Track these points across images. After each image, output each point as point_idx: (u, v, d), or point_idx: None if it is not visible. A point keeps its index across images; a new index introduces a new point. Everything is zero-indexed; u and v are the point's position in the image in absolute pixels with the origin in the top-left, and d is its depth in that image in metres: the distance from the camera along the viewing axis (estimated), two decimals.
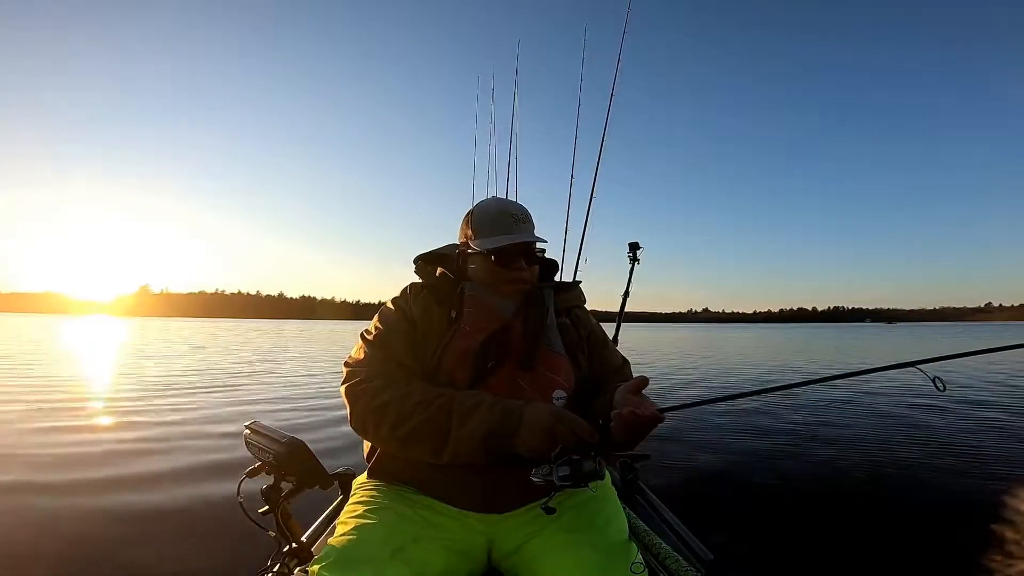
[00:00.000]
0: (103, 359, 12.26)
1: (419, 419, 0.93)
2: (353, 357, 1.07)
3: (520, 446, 0.90)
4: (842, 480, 3.33)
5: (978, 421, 5.24)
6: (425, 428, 0.93)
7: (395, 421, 0.94)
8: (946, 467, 3.55)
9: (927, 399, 6.94)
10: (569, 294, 1.26)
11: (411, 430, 0.93)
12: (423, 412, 0.94)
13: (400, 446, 0.97)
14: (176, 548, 2.13)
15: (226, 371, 9.54)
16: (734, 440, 4.35)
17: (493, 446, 0.91)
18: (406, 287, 1.19)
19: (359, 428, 1.00)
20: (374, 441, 1.02)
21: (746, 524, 2.53)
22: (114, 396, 6.36)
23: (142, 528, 2.32)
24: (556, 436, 0.87)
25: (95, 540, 2.19)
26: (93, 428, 4.53)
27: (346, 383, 1.02)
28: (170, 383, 7.61)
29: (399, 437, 0.95)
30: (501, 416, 0.92)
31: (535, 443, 0.88)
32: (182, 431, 4.34)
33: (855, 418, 5.42)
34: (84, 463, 3.28)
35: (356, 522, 0.92)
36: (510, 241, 1.11)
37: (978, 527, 2.17)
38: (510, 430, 0.91)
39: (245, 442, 1.21)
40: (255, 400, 6.30)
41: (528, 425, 0.90)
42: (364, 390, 0.99)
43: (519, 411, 0.92)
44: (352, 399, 1.00)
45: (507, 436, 0.91)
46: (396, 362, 1.03)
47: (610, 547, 0.91)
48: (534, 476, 0.85)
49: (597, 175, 2.76)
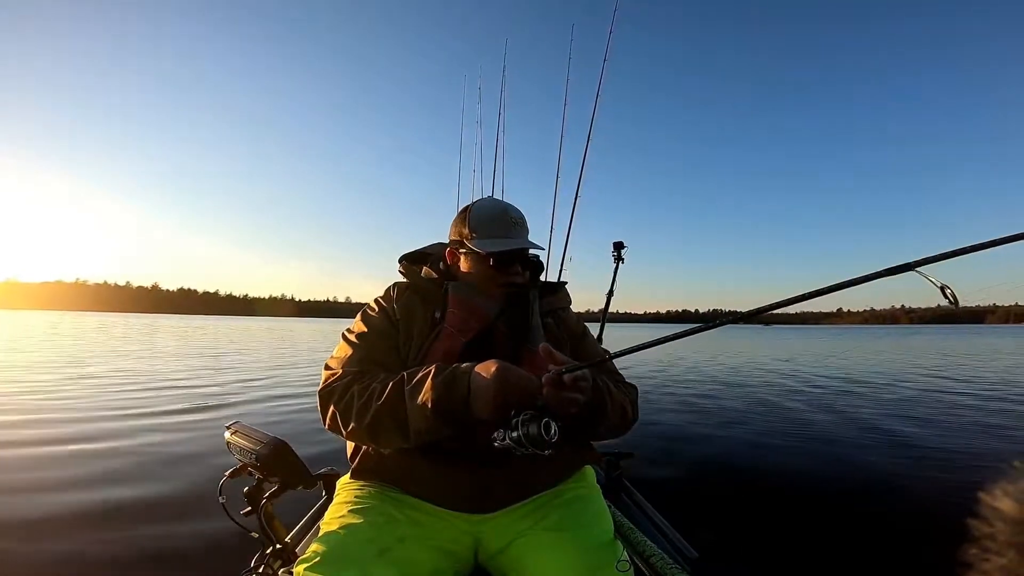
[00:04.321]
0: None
1: (377, 405, 0.92)
2: (333, 357, 1.07)
3: (478, 413, 0.88)
4: (828, 477, 3.37)
5: (961, 416, 5.39)
6: (385, 412, 0.91)
7: (359, 412, 0.93)
8: (932, 461, 3.62)
9: (912, 391, 7.14)
10: (555, 296, 1.26)
11: (374, 418, 0.92)
12: (380, 397, 0.92)
13: (371, 437, 0.95)
14: (156, 549, 2.09)
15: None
16: (718, 438, 4.39)
17: (448, 415, 0.88)
18: (390, 286, 1.18)
19: (332, 427, 0.98)
20: (349, 438, 1.00)
21: (731, 521, 2.55)
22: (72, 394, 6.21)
23: (120, 530, 2.26)
24: (506, 402, 0.86)
25: (73, 540, 2.14)
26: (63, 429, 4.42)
27: (321, 384, 1.01)
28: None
29: (367, 427, 0.93)
30: (448, 384, 0.89)
31: (488, 412, 0.87)
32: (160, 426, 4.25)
33: (842, 415, 5.51)
34: (56, 463, 3.19)
35: (341, 522, 0.91)
36: (510, 247, 1.11)
37: (961, 523, 2.23)
38: (460, 397, 0.88)
39: (227, 443, 1.19)
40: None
41: (476, 395, 0.88)
42: (334, 389, 0.98)
43: (466, 377, 0.90)
44: (324, 400, 0.99)
45: (459, 403, 0.88)
46: (373, 361, 1.03)
47: (596, 546, 0.91)
48: (494, 442, 0.85)
49: (582, 176, 2.78)
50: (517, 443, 0.82)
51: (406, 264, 1.22)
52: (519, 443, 0.82)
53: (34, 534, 2.20)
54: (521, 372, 0.88)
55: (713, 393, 7.06)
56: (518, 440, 0.82)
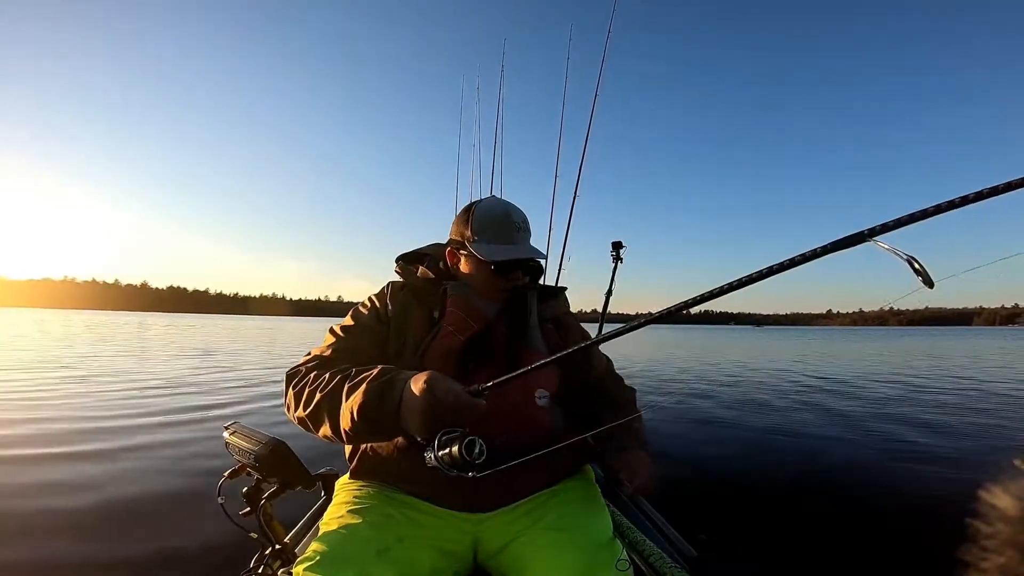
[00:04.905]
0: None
1: (320, 395, 0.90)
2: (315, 347, 1.07)
3: (407, 426, 0.83)
4: (826, 475, 3.40)
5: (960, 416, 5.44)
6: (324, 403, 0.90)
7: (307, 398, 0.92)
8: (930, 461, 3.65)
9: (910, 392, 7.18)
10: (555, 301, 1.26)
11: (315, 406, 0.90)
12: (325, 387, 0.90)
13: (313, 425, 0.93)
14: (155, 550, 2.08)
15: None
16: (717, 437, 4.41)
17: (375, 424, 0.84)
18: (385, 285, 1.18)
19: (288, 409, 0.97)
20: (297, 422, 0.96)
21: (730, 520, 2.57)
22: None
23: (119, 531, 2.26)
24: (436, 417, 0.80)
25: (71, 542, 2.12)
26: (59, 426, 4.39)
27: (290, 368, 1.01)
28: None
29: (308, 415, 0.91)
30: (380, 392, 0.84)
31: (416, 428, 0.81)
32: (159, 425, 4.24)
33: (837, 413, 5.55)
34: (54, 463, 3.17)
35: (340, 522, 0.91)
36: (513, 255, 1.10)
37: (960, 521, 2.25)
38: (390, 409, 0.83)
39: (225, 443, 1.18)
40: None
41: (405, 406, 0.82)
42: (297, 371, 0.99)
43: (400, 386, 0.84)
44: (287, 381, 0.99)
45: (387, 414, 0.83)
46: (349, 352, 1.03)
47: (595, 545, 0.91)
48: (426, 462, 0.80)
49: (580, 176, 2.78)
50: (440, 463, 0.77)
51: (403, 264, 1.22)
52: (442, 463, 0.77)
53: (33, 534, 2.19)
54: (452, 386, 0.81)
55: (711, 393, 7.11)
56: (441, 460, 0.77)
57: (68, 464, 3.16)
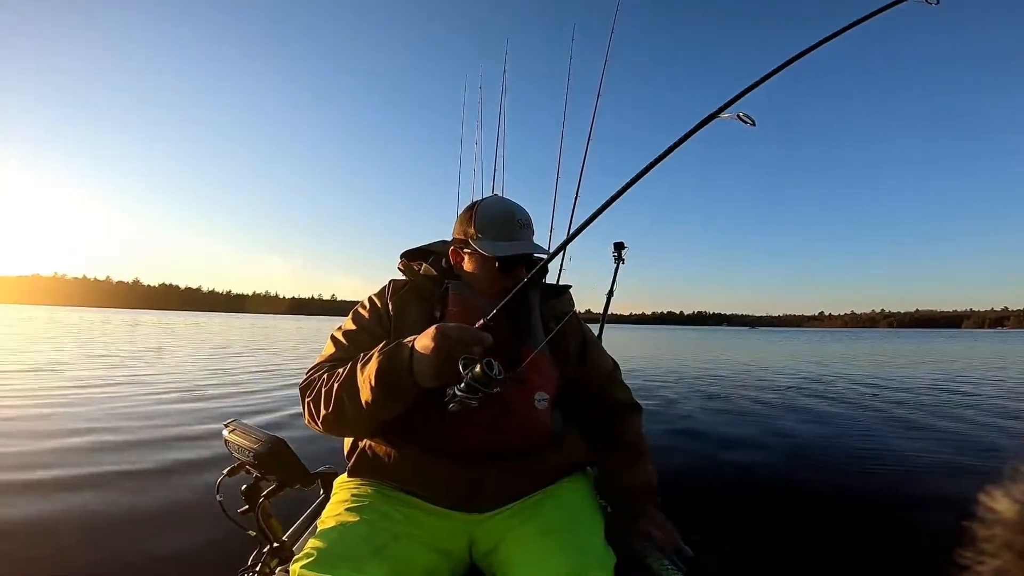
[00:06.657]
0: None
1: (337, 385, 0.93)
2: (319, 356, 1.07)
3: (421, 378, 0.87)
4: (823, 477, 3.40)
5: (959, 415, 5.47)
6: (344, 389, 0.93)
7: (326, 397, 0.94)
8: (928, 462, 3.67)
9: (907, 393, 7.21)
10: (559, 300, 1.25)
11: (336, 399, 0.93)
12: (340, 378, 0.94)
13: (338, 422, 0.95)
14: (154, 548, 2.07)
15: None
16: (715, 437, 4.40)
17: (391, 386, 0.88)
18: (386, 284, 1.17)
19: (310, 421, 0.99)
20: (325, 429, 0.99)
21: (727, 521, 2.56)
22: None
23: (118, 529, 2.24)
24: (448, 354, 0.84)
25: (69, 540, 2.12)
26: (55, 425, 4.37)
27: (301, 383, 1.03)
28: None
29: (333, 411, 0.94)
30: (391, 354, 0.89)
31: (432, 370, 0.85)
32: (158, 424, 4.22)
33: (834, 415, 5.57)
34: (52, 464, 3.16)
35: (337, 521, 0.91)
36: (517, 251, 1.10)
37: (956, 524, 2.26)
38: (403, 364, 0.87)
39: (224, 442, 1.18)
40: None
41: (418, 357, 0.87)
42: (310, 382, 1.00)
43: (409, 344, 0.90)
44: (301, 395, 1.00)
45: (401, 371, 0.87)
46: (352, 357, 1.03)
47: (584, 549, 0.90)
48: (448, 405, 0.84)
49: (583, 174, 2.77)
50: (465, 392, 0.81)
51: (405, 262, 1.21)
52: (467, 391, 0.81)
53: (30, 534, 2.17)
54: (460, 324, 0.88)
55: (709, 393, 7.10)
56: (468, 385, 0.81)
57: (66, 462, 3.15)
